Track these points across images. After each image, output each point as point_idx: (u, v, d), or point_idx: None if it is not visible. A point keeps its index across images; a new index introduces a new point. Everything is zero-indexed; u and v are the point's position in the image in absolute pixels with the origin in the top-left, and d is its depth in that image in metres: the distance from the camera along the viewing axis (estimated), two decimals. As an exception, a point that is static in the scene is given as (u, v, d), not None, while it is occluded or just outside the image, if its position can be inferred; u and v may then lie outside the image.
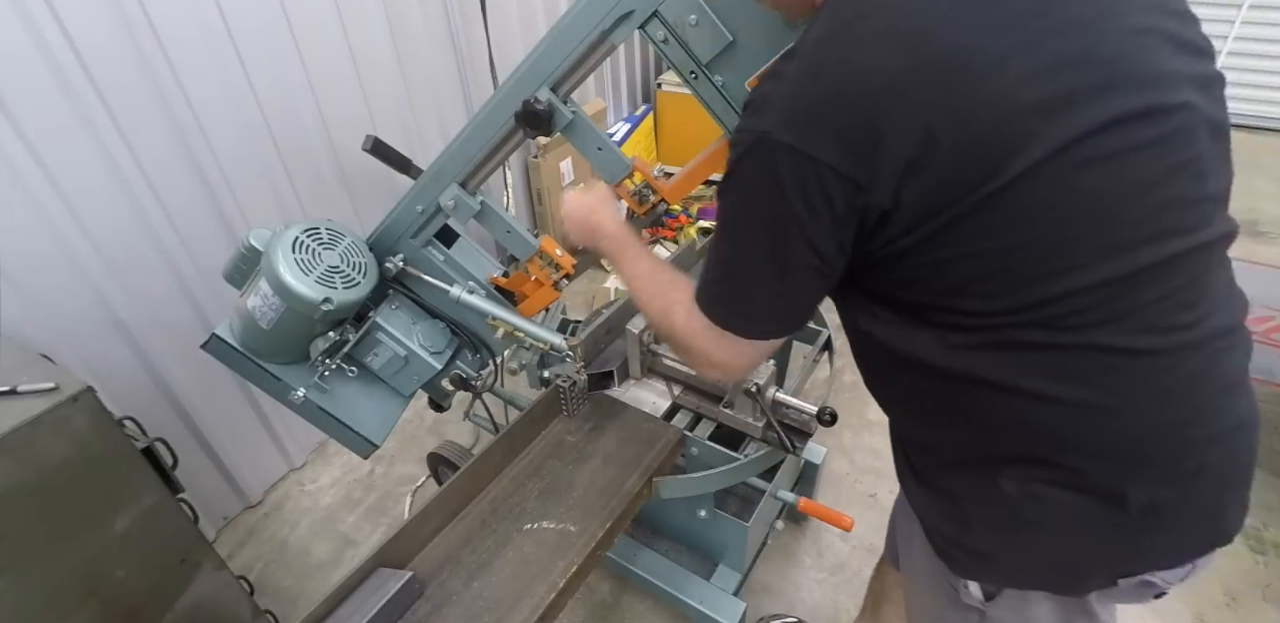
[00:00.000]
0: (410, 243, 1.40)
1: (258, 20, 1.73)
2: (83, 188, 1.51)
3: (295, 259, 1.26)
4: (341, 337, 1.39)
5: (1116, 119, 0.62)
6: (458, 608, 1.10)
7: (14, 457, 1.00)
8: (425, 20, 2.24)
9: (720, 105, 1.06)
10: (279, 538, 2.08)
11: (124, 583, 1.18)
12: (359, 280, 1.33)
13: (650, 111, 3.54)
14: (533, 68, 1.12)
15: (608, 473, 1.31)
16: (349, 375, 1.48)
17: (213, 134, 1.72)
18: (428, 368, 1.51)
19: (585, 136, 1.19)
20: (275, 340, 1.37)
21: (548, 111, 1.11)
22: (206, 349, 1.43)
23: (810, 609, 1.79)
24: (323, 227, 1.34)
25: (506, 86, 1.15)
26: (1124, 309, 0.67)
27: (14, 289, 1.44)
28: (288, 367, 1.46)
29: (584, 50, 1.08)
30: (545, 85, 1.12)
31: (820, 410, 1.31)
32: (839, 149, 0.63)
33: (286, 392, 1.44)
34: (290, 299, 1.25)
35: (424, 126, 2.37)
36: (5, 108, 1.36)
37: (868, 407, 2.38)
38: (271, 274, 1.25)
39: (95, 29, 1.44)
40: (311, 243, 1.30)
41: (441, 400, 1.69)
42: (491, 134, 1.21)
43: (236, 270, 1.41)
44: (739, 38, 0.98)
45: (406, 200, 1.36)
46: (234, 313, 1.41)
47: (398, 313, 1.49)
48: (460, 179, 1.28)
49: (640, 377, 1.55)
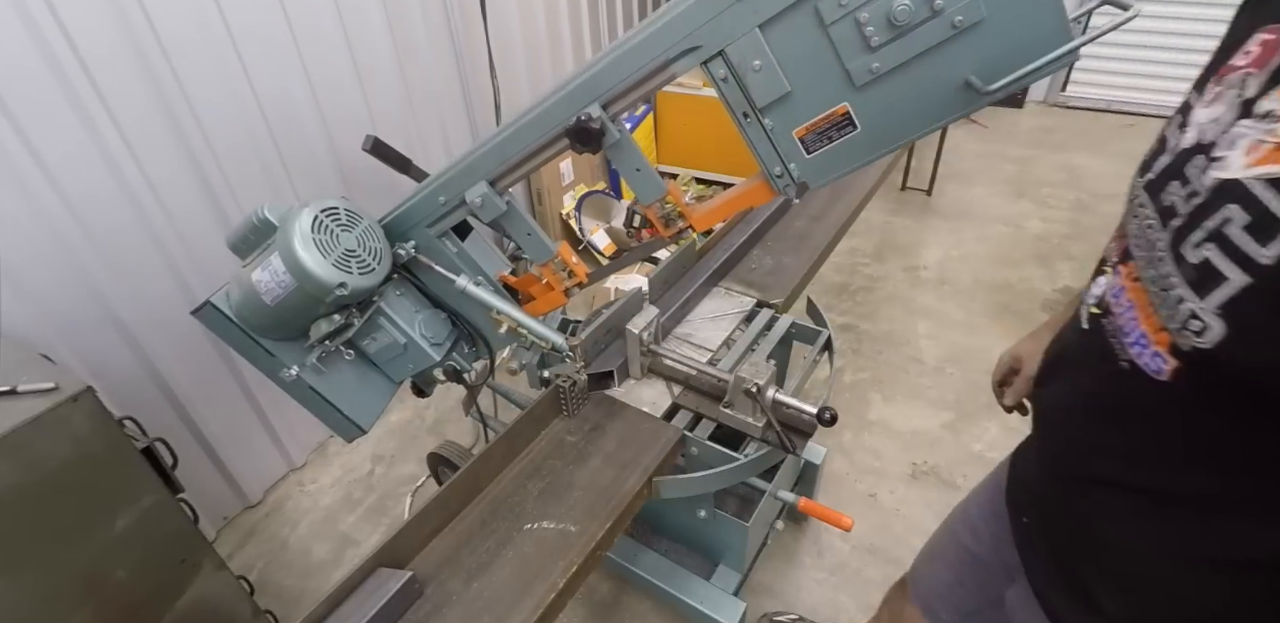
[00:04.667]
0: (425, 232, 1.37)
1: (257, 21, 1.74)
2: (82, 188, 1.51)
3: (314, 240, 1.20)
4: (347, 320, 1.35)
5: None
6: (458, 608, 1.10)
7: (14, 457, 1.00)
8: (425, 20, 2.24)
9: (765, 148, 1.07)
10: (279, 538, 2.08)
11: (124, 583, 1.18)
12: (374, 267, 1.29)
13: (650, 112, 3.54)
14: (587, 83, 1.10)
15: (608, 473, 1.31)
16: (345, 358, 1.44)
17: (213, 134, 1.72)
18: (426, 358, 1.48)
19: (629, 157, 1.19)
20: (276, 317, 1.31)
21: (600, 130, 1.10)
22: (198, 316, 1.36)
23: (810, 609, 1.80)
24: (341, 207, 1.29)
25: (556, 96, 1.13)
26: None
27: (14, 289, 1.44)
28: (282, 343, 1.40)
29: (642, 76, 1.07)
30: (597, 102, 1.11)
31: (820, 410, 1.31)
32: None
33: (279, 368, 1.39)
34: (305, 280, 1.21)
35: (424, 126, 2.38)
36: (5, 107, 1.36)
37: (868, 407, 2.39)
38: (288, 253, 1.20)
39: (96, 31, 1.44)
40: (330, 224, 1.25)
41: (426, 387, 1.65)
42: (532, 140, 1.19)
43: (244, 241, 1.34)
44: (795, 89, 0.99)
45: (429, 190, 1.32)
46: (234, 283, 1.35)
47: (402, 300, 1.45)
48: (490, 178, 1.26)
49: (640, 377, 1.55)
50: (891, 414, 2.36)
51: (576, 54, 3.02)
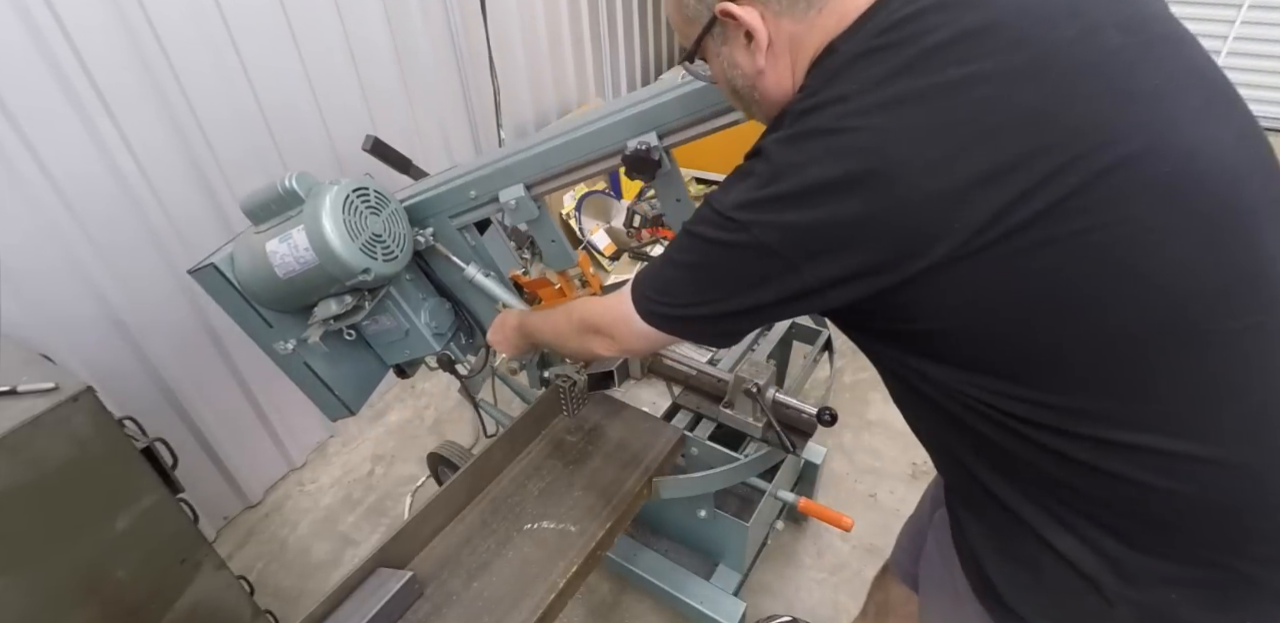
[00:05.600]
0: (446, 221, 1.36)
1: (257, 21, 1.74)
2: (82, 188, 1.51)
3: (345, 221, 1.17)
4: (358, 303, 1.31)
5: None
6: (458, 608, 1.10)
7: (14, 457, 0.99)
8: (425, 20, 2.24)
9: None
10: (279, 538, 2.08)
11: (124, 583, 1.18)
12: (397, 254, 1.25)
13: (650, 111, 3.54)
14: (650, 112, 1.09)
15: (608, 473, 1.31)
16: (346, 338, 1.40)
17: (212, 134, 1.72)
18: (425, 346, 1.46)
19: (673, 189, 1.19)
20: (284, 290, 1.27)
21: (658, 161, 1.10)
22: (195, 276, 1.31)
23: (810, 609, 1.79)
24: (371, 188, 1.24)
25: (615, 117, 1.12)
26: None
27: (14, 289, 1.44)
28: (281, 315, 1.36)
29: (708, 114, 1.06)
30: (654, 131, 1.10)
31: (820, 411, 1.31)
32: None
33: (274, 340, 1.35)
34: (329, 262, 1.17)
35: (424, 126, 2.37)
36: (4, 108, 1.36)
37: (868, 407, 2.38)
38: (316, 232, 1.16)
39: (95, 31, 1.44)
40: (360, 205, 1.21)
41: (409, 368, 1.61)
42: (581, 155, 1.17)
43: (263, 208, 1.27)
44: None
45: (459, 181, 1.30)
46: (242, 248, 1.29)
47: (410, 286, 1.43)
48: (529, 182, 1.25)
49: (640, 377, 1.55)
50: (892, 414, 2.35)
51: (576, 54, 3.02)
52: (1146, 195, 0.58)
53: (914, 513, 1.18)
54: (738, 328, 0.78)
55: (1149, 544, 0.66)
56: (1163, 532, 0.65)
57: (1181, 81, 0.63)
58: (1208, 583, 0.65)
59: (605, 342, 0.90)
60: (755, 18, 0.70)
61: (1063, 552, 0.69)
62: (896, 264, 0.61)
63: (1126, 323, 0.60)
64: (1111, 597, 0.68)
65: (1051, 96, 0.58)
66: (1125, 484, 0.63)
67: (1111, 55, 0.60)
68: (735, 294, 0.70)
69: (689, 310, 0.75)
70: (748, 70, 0.75)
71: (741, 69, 0.76)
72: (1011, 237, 0.58)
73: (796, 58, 0.71)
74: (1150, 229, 0.58)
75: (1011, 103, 0.58)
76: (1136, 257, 0.59)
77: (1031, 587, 0.74)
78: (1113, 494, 0.65)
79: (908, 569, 1.15)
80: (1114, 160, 0.57)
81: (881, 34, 0.62)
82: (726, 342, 0.85)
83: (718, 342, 0.88)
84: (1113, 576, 0.67)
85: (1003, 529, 0.75)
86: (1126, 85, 0.60)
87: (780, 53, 0.72)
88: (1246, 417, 0.62)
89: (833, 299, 0.66)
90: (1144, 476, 0.63)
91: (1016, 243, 0.58)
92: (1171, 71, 0.63)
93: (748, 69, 0.75)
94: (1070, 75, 0.59)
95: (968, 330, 0.64)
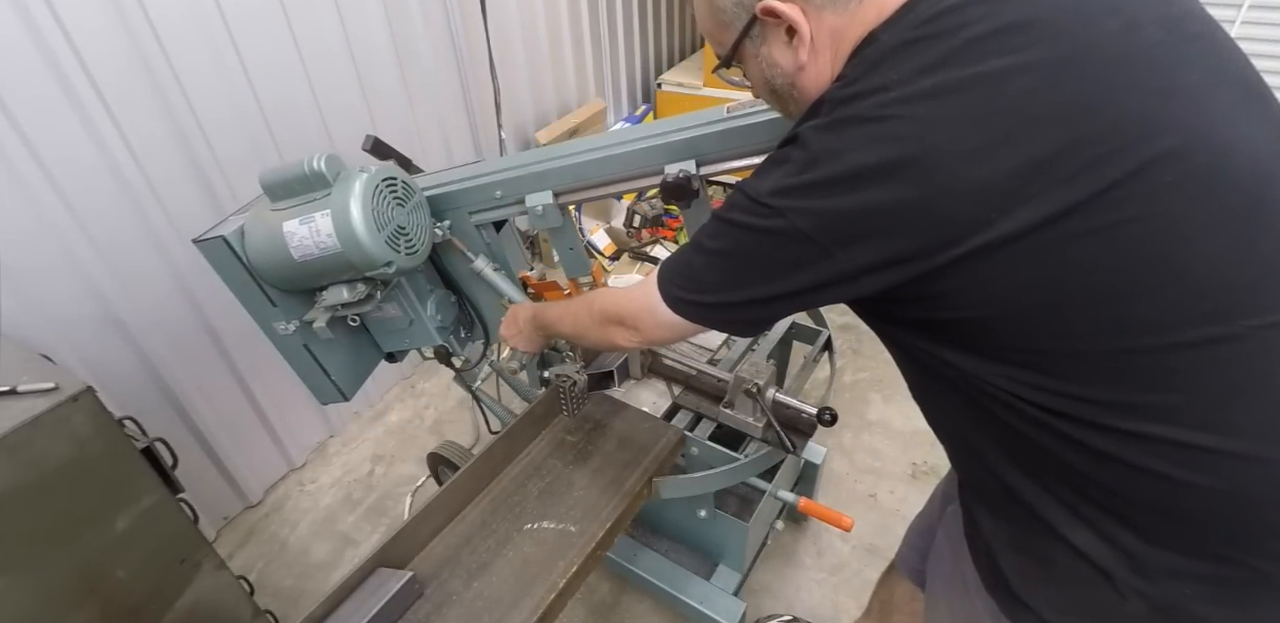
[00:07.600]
0: (465, 217, 1.34)
1: (257, 22, 1.73)
2: (82, 187, 1.51)
3: (373, 211, 1.14)
4: (370, 292, 1.29)
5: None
6: (458, 608, 1.10)
7: (14, 457, 0.99)
8: (425, 20, 2.24)
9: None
10: (279, 538, 2.08)
11: (124, 583, 1.18)
12: (419, 248, 1.23)
13: (650, 111, 3.54)
14: (693, 141, 1.08)
15: (608, 473, 1.31)
16: (350, 324, 1.38)
17: (212, 133, 1.72)
18: (427, 338, 1.44)
19: (699, 216, 1.18)
20: (297, 272, 1.23)
21: (696, 190, 1.10)
22: (201, 247, 1.25)
23: (810, 609, 1.79)
24: (399, 178, 1.21)
25: (657, 140, 1.12)
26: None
27: (14, 289, 1.44)
28: (287, 295, 1.33)
29: (749, 151, 1.06)
30: (694, 160, 1.09)
31: (820, 411, 1.31)
32: None
33: (276, 319, 1.32)
34: (353, 250, 1.15)
35: (423, 126, 2.37)
36: (4, 108, 1.36)
37: (868, 407, 2.38)
38: (343, 219, 1.13)
39: (95, 31, 1.44)
40: (389, 195, 1.18)
41: (399, 354, 1.60)
42: (617, 171, 1.17)
43: (284, 186, 1.22)
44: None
45: (486, 180, 1.28)
46: (255, 223, 1.24)
47: (418, 276, 1.42)
48: (558, 190, 1.23)
49: (640, 377, 1.55)
50: (892, 414, 2.36)
51: (576, 54, 3.02)
52: (1182, 190, 0.59)
53: (923, 510, 1.18)
54: (768, 315, 0.77)
55: (1165, 538, 0.66)
56: (1181, 526, 0.65)
57: (1218, 79, 0.63)
58: (1222, 579, 0.65)
59: (628, 333, 0.89)
60: (798, 13, 0.70)
61: (1077, 545, 0.69)
62: (932, 252, 0.61)
63: (1156, 315, 0.60)
64: (1124, 589, 0.67)
65: (1092, 89, 0.59)
66: (1146, 477, 0.63)
67: (1151, 51, 0.61)
68: (767, 280, 0.70)
69: (719, 297, 0.75)
70: (788, 68, 0.75)
71: (781, 68, 0.76)
72: (1049, 226, 0.58)
73: (837, 51, 0.71)
74: (1184, 223, 0.59)
75: (1052, 94, 0.58)
76: (1170, 250, 0.59)
77: (1043, 579, 0.74)
78: (1133, 487, 0.65)
79: (914, 566, 1.15)
80: (1154, 154, 0.58)
81: (923, 25, 0.63)
82: (753, 330, 0.84)
83: (744, 330, 0.87)
84: (1126, 569, 0.67)
85: (1017, 522, 0.75)
86: (1165, 81, 0.60)
87: (821, 48, 0.72)
88: (1271, 411, 0.62)
89: (866, 286, 0.66)
90: (1166, 468, 0.63)
91: (1054, 233, 0.58)
92: (1209, 68, 0.63)
93: (788, 66, 0.75)
94: (1110, 69, 0.59)
95: (1000, 320, 0.64)
